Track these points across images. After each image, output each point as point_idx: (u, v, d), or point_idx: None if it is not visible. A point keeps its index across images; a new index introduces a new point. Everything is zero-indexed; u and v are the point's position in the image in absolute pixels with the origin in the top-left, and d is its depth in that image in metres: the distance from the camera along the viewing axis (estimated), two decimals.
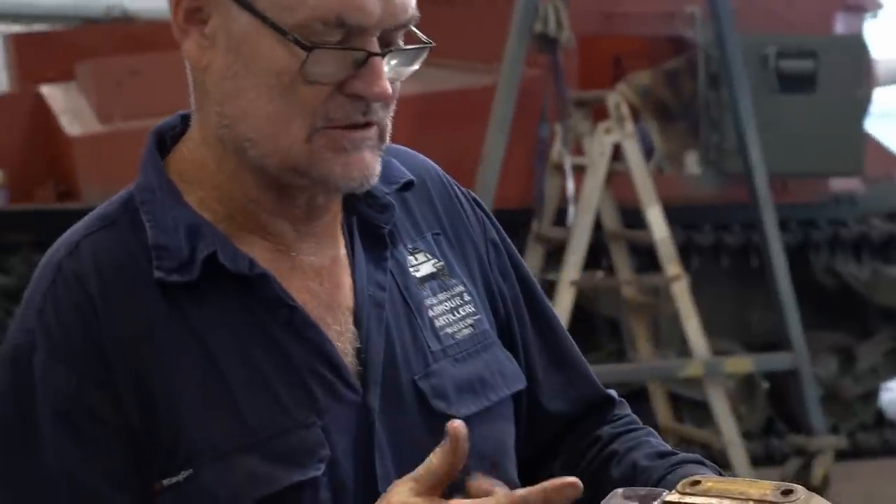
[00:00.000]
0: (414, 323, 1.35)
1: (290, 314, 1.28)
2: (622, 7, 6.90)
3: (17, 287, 6.29)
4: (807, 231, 7.15)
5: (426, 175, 1.44)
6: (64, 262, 1.27)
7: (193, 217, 1.29)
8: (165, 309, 1.25)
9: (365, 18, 1.22)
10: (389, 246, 1.36)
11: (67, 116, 6.40)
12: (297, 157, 1.25)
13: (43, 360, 1.23)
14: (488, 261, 1.45)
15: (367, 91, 1.23)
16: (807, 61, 6.70)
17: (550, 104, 6.24)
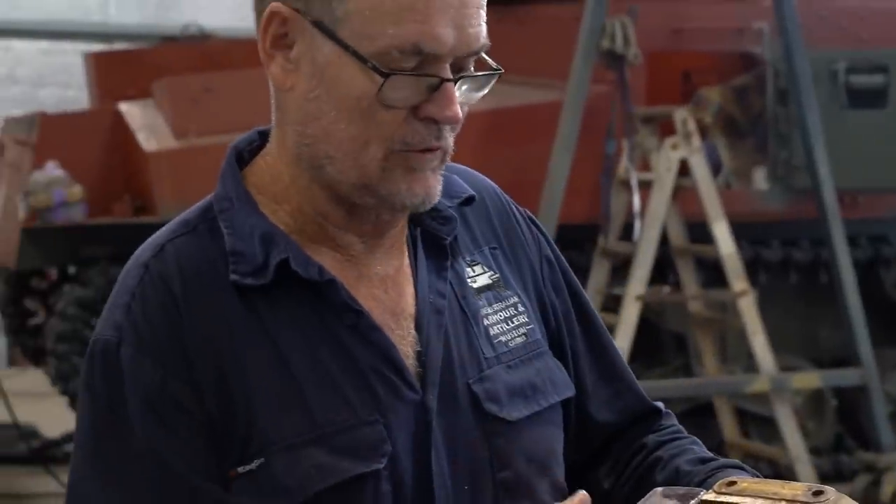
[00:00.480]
0: (470, 330, 1.43)
1: (356, 318, 1.37)
2: (690, 23, 6.91)
3: (94, 299, 6.45)
4: (877, 247, 7.10)
5: (485, 193, 1.52)
6: (151, 263, 1.37)
7: (268, 226, 1.38)
8: (241, 310, 1.35)
9: (440, 47, 1.30)
10: (450, 257, 1.44)
11: (144, 133, 6.55)
12: (371, 174, 1.34)
13: (130, 353, 1.33)
14: (542, 276, 1.53)
15: (439, 115, 1.31)
16: (877, 76, 6.66)
17: (617, 120, 6.28)
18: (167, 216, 6.89)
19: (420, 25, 1.29)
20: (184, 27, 10.50)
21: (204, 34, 10.18)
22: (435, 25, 1.29)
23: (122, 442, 1.33)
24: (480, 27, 1.32)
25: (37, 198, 6.32)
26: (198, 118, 6.45)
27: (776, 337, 6.23)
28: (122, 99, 7.10)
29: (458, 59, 1.32)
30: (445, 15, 1.29)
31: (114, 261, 6.47)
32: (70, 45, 11.00)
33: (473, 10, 1.32)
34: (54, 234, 6.48)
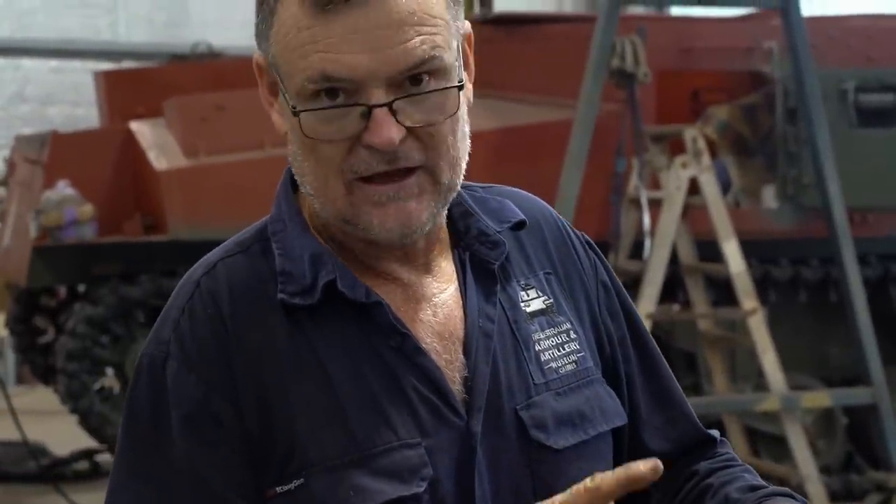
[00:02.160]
0: (520, 355, 1.42)
1: (401, 340, 1.37)
2: (700, 42, 6.93)
3: (104, 317, 6.46)
4: (886, 265, 7.10)
5: (541, 217, 1.52)
6: (202, 280, 1.39)
7: (318, 247, 1.39)
8: (288, 330, 1.36)
9: (350, 72, 1.29)
10: (499, 280, 1.43)
11: (155, 151, 6.57)
12: (342, 209, 1.35)
13: (175, 368, 1.35)
14: (598, 301, 1.52)
15: (371, 140, 1.30)
16: (887, 95, 6.67)
17: (627, 138, 6.29)
18: (177, 235, 6.94)
19: (324, 54, 1.29)
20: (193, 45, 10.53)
21: (213, 53, 10.21)
22: (340, 53, 1.29)
23: (163, 456, 1.34)
24: (406, 45, 1.29)
25: (48, 216, 6.34)
26: (208, 137, 6.48)
27: (785, 355, 6.22)
28: (132, 117, 7.12)
29: (393, 78, 1.30)
30: (352, 41, 1.29)
31: (124, 279, 6.49)
32: (79, 63, 11.03)
33: (392, 30, 1.29)
34: (65, 253, 6.50)
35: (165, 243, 6.40)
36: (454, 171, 1.37)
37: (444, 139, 1.34)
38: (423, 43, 1.31)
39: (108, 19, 11.41)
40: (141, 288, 6.44)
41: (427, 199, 1.36)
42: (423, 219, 1.36)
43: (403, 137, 1.32)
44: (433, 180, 1.35)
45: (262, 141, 6.52)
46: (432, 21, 1.32)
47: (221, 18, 11.63)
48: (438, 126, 1.34)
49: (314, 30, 1.30)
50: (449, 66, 1.34)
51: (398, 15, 1.30)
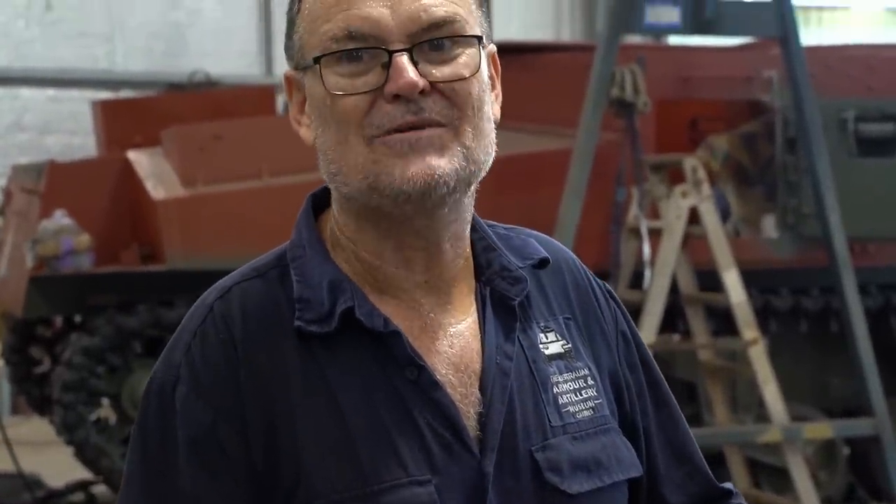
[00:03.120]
0: (538, 396, 1.40)
1: (417, 373, 1.35)
2: (699, 71, 6.92)
3: (101, 348, 6.42)
4: (887, 295, 7.07)
5: (563, 262, 1.51)
6: (216, 305, 1.38)
7: (337, 273, 1.38)
8: (301, 357, 1.35)
9: (371, 26, 1.32)
10: (519, 317, 1.42)
11: (152, 181, 6.55)
12: (365, 168, 1.33)
13: (184, 393, 1.34)
14: (617, 351, 1.50)
15: (394, 86, 1.31)
16: (887, 125, 6.66)
17: (627, 168, 6.27)
18: (175, 265, 6.89)
19: (347, 12, 1.32)
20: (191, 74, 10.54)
21: (211, 81, 10.22)
22: (361, 7, 1.32)
23: (169, 481, 1.34)
24: (426, 2, 1.32)
25: (44, 246, 6.30)
26: (206, 166, 6.45)
27: (786, 385, 6.18)
28: (130, 146, 7.11)
29: (413, 35, 1.32)
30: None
31: (121, 309, 6.44)
32: (77, 92, 11.03)
33: None
34: (62, 283, 6.46)
35: (163, 273, 6.37)
36: (479, 141, 1.36)
37: (468, 98, 1.34)
38: (444, 4, 1.33)
39: (105, 49, 11.42)
40: (138, 318, 6.40)
41: (450, 155, 1.34)
42: (447, 170, 1.33)
43: (428, 91, 1.32)
44: (458, 140, 1.34)
45: (260, 170, 6.50)
46: None
47: (219, 48, 11.64)
48: (462, 83, 1.33)
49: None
50: (470, 34, 1.34)
51: None
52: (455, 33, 1.34)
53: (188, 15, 11.61)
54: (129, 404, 6.52)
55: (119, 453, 6.54)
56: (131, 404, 6.53)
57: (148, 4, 11.46)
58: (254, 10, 11.86)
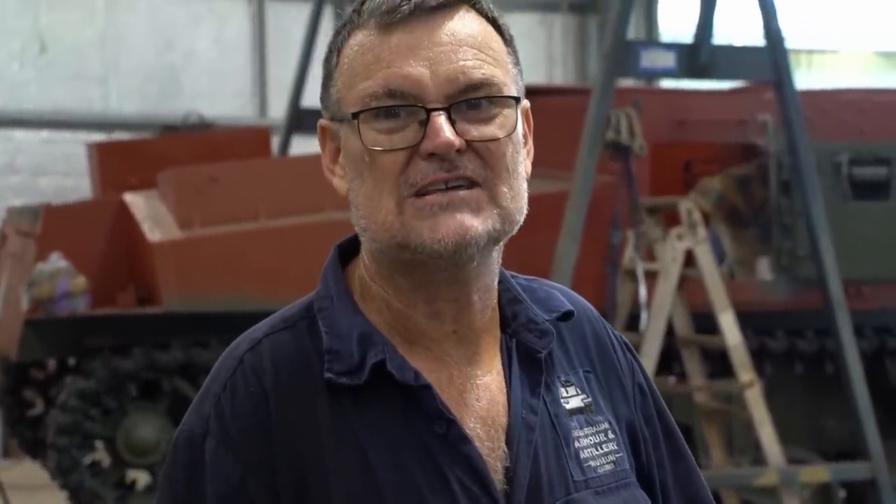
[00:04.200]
0: (560, 451, 1.41)
1: (447, 427, 1.35)
2: (694, 115, 6.96)
3: (96, 391, 6.39)
4: (882, 337, 7.08)
5: (583, 315, 1.51)
6: (246, 357, 1.38)
7: (366, 326, 1.38)
8: (331, 411, 1.35)
9: (411, 85, 1.33)
10: (545, 371, 1.42)
11: (149, 223, 6.55)
12: (393, 229, 1.34)
13: (214, 446, 1.34)
14: (634, 404, 1.51)
15: (429, 145, 1.32)
16: (880, 168, 6.71)
17: (622, 210, 6.29)
18: (172, 307, 6.86)
19: (387, 70, 1.34)
20: (185, 116, 10.57)
21: (205, 123, 10.25)
22: (402, 66, 1.33)
23: None
24: (464, 63, 1.34)
25: (40, 289, 6.29)
26: (203, 208, 6.46)
27: (781, 428, 6.18)
28: (125, 188, 7.11)
29: (451, 96, 1.33)
30: (413, 56, 1.34)
31: (116, 352, 6.42)
32: (70, 134, 11.04)
33: (449, 47, 1.34)
34: (57, 326, 6.44)
35: (159, 316, 6.36)
36: (514, 201, 1.37)
37: (503, 158, 1.35)
38: (482, 67, 1.35)
39: (99, 91, 11.44)
40: (133, 361, 6.38)
41: (485, 216, 1.35)
42: (480, 231, 1.34)
43: (463, 150, 1.33)
44: (493, 200, 1.35)
45: (256, 212, 6.51)
46: (492, 53, 1.36)
47: (213, 90, 11.67)
48: (497, 143, 1.35)
49: (377, 50, 1.35)
50: (507, 94, 1.36)
51: (459, 35, 1.35)
52: (492, 94, 1.35)
53: (182, 57, 11.65)
54: (124, 448, 6.49)
55: (113, 497, 6.50)
56: (126, 448, 6.50)
57: (142, 46, 11.50)
58: (248, 53, 11.91)
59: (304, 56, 9.35)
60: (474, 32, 1.36)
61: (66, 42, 11.26)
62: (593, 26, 12.89)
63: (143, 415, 6.51)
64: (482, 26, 1.38)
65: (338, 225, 6.48)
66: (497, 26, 1.40)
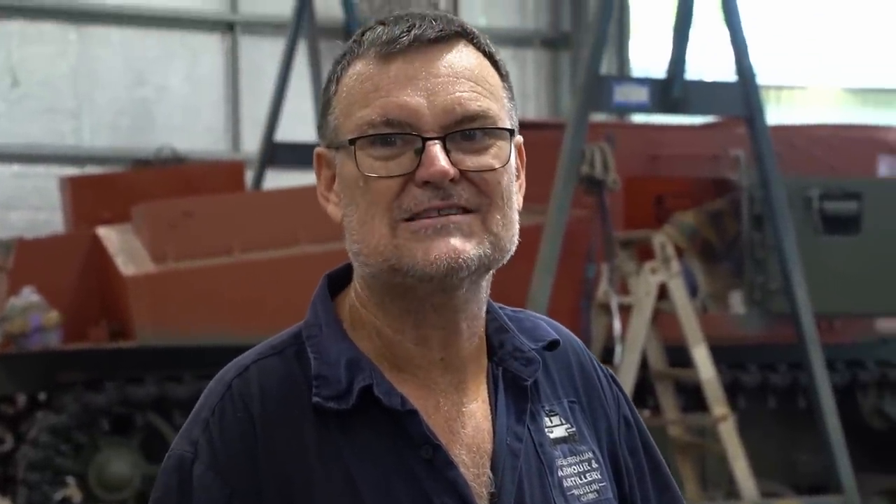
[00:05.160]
0: (545, 479, 1.43)
1: (432, 452, 1.37)
2: (667, 149, 7.01)
3: (68, 426, 6.35)
4: (854, 371, 7.13)
5: (569, 346, 1.54)
6: (234, 382, 1.40)
7: (355, 352, 1.41)
8: (319, 435, 1.37)
9: (408, 114, 1.36)
10: (530, 399, 1.44)
11: (122, 257, 6.53)
12: (386, 252, 1.36)
13: (202, 470, 1.36)
14: (619, 436, 1.53)
15: (424, 174, 1.35)
16: (851, 203, 6.77)
17: (597, 244, 6.32)
18: (145, 341, 6.80)
19: (385, 99, 1.37)
20: (157, 150, 10.55)
21: (178, 157, 10.24)
22: (399, 95, 1.36)
23: None
24: (461, 95, 1.37)
25: (12, 323, 6.26)
26: (176, 242, 6.45)
27: (755, 461, 6.20)
28: (98, 222, 7.09)
29: (447, 126, 1.36)
30: (411, 86, 1.37)
31: (88, 387, 6.39)
32: (43, 168, 11.00)
33: (446, 78, 1.37)
34: (29, 360, 6.41)
35: (132, 350, 6.33)
36: (506, 229, 1.38)
37: (498, 187, 1.37)
38: (478, 99, 1.37)
39: (72, 125, 11.41)
40: (106, 396, 6.34)
41: (477, 241, 1.37)
42: (472, 255, 1.36)
43: (457, 179, 1.35)
44: (485, 227, 1.37)
45: (230, 246, 6.50)
46: (488, 86, 1.39)
47: (186, 124, 11.66)
48: (492, 173, 1.37)
49: (376, 79, 1.38)
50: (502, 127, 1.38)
51: (456, 68, 1.38)
52: (486, 126, 1.38)
53: (155, 91, 11.64)
54: (96, 483, 6.44)
55: None
56: (98, 484, 6.45)
57: (115, 80, 11.49)
58: (221, 87, 11.91)
59: (278, 91, 9.37)
60: (471, 66, 1.39)
61: (38, 76, 11.23)
62: (566, 61, 12.97)
63: (116, 450, 6.46)
64: (479, 60, 1.40)
65: (312, 259, 6.48)
66: (494, 61, 1.43)
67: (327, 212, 1.45)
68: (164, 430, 6.37)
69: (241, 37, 11.96)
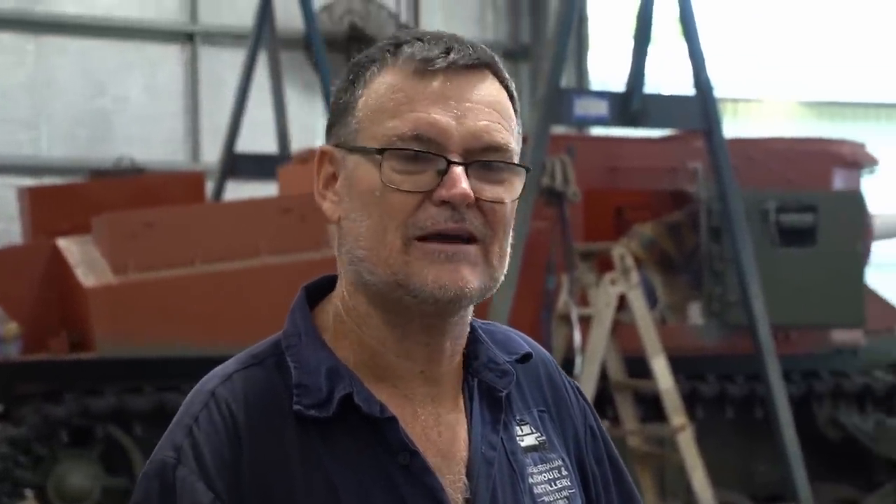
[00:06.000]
0: (517, 486, 1.47)
1: (410, 458, 1.41)
2: (626, 162, 7.08)
3: (27, 438, 6.31)
4: (810, 382, 7.20)
5: (538, 358, 1.57)
6: (217, 390, 1.43)
7: (334, 361, 1.43)
8: (300, 443, 1.40)
9: (438, 133, 1.39)
10: (504, 409, 1.48)
11: (82, 268, 6.50)
12: (395, 266, 1.39)
13: (185, 475, 1.38)
14: (585, 446, 1.57)
15: (446, 194, 1.38)
16: (806, 215, 6.85)
17: (557, 256, 6.37)
18: (105, 352, 6.75)
19: (416, 114, 1.39)
20: (116, 161, 10.50)
21: (137, 168, 10.20)
22: (431, 113, 1.39)
23: None
24: (488, 124, 1.41)
25: None
26: (137, 253, 6.43)
27: (712, 471, 6.26)
28: (57, 233, 7.05)
29: (470, 151, 1.39)
30: (443, 105, 1.40)
31: (48, 398, 6.35)
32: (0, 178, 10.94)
33: (477, 105, 1.41)
34: None
35: (92, 361, 6.30)
36: (501, 261, 1.42)
37: (503, 220, 1.41)
38: (501, 132, 1.41)
39: (29, 135, 11.35)
40: (65, 407, 6.30)
41: (479, 272, 1.40)
42: (475, 286, 1.39)
43: (472, 204, 1.38)
44: (486, 259, 1.40)
45: (192, 257, 6.49)
46: (509, 120, 1.43)
47: (145, 134, 11.62)
48: (501, 206, 1.40)
49: (409, 92, 1.41)
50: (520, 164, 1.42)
51: (487, 98, 1.42)
52: (507, 160, 1.42)
53: (114, 101, 11.59)
54: (55, 495, 6.40)
55: None
56: (57, 495, 6.41)
57: (73, 91, 11.44)
58: (180, 98, 11.88)
59: (238, 102, 9.36)
60: (497, 98, 1.43)
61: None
62: (525, 73, 13.03)
63: (75, 462, 6.43)
64: (501, 94, 1.44)
65: (273, 270, 6.49)
66: (511, 97, 1.46)
67: (322, 209, 1.47)
68: (124, 442, 6.34)
69: (201, 47, 11.94)
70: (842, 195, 7.28)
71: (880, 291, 7.84)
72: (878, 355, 7.46)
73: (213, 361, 1.55)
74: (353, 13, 11.81)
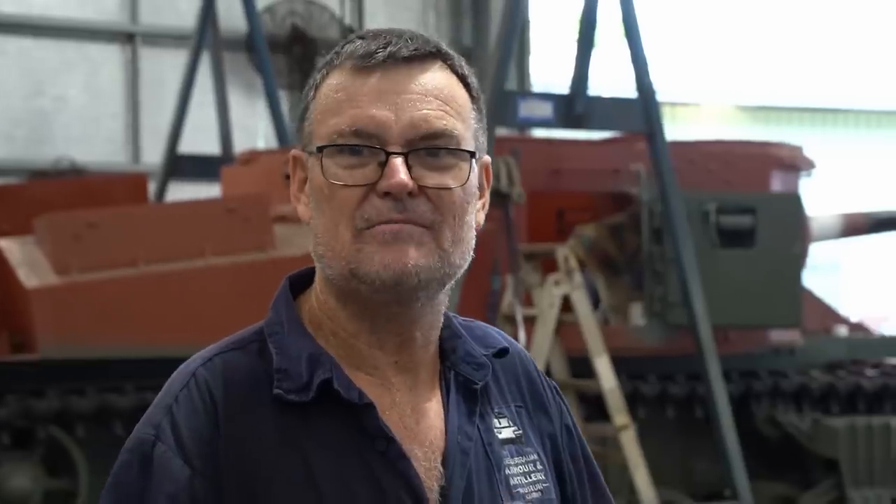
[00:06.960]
0: (492, 476, 1.51)
1: (386, 445, 1.45)
2: (568, 164, 7.14)
3: None
4: (748, 381, 7.31)
5: (516, 355, 1.61)
6: (198, 371, 1.47)
7: (316, 348, 1.48)
8: (278, 426, 1.44)
9: (378, 126, 1.43)
10: (480, 401, 1.53)
11: (24, 269, 6.44)
12: (348, 256, 1.43)
13: (163, 451, 1.42)
14: (561, 443, 1.61)
15: (384, 185, 1.42)
16: (745, 217, 6.95)
17: (502, 257, 6.42)
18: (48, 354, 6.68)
19: (355, 110, 1.44)
20: (55, 161, 10.43)
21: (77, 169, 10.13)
22: (369, 108, 1.44)
23: None
24: (428, 112, 1.44)
25: None
26: (80, 254, 6.38)
27: (653, 470, 6.33)
28: None
29: (410, 141, 1.43)
30: (381, 100, 1.44)
31: None
32: None
33: (416, 95, 1.44)
34: None
35: (34, 363, 6.25)
36: (455, 246, 1.45)
37: (453, 206, 1.44)
38: (444, 118, 1.44)
39: None
40: (7, 409, 6.24)
41: (426, 252, 1.43)
42: (421, 264, 1.42)
43: (416, 193, 1.42)
44: (436, 242, 1.43)
45: (135, 258, 6.45)
46: (456, 106, 1.46)
47: (85, 135, 11.53)
48: (448, 192, 1.44)
49: (349, 90, 1.45)
50: (464, 148, 1.44)
51: (427, 86, 1.45)
52: (450, 146, 1.45)
53: (53, 101, 11.49)
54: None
55: None
56: None
57: (10, 90, 11.32)
58: (120, 98, 11.81)
59: (181, 103, 9.32)
60: (441, 85, 1.46)
61: None
62: None
63: (17, 464, 6.36)
64: (450, 81, 1.47)
65: (217, 270, 6.48)
66: (466, 83, 1.49)
67: (298, 212, 1.51)
68: (67, 444, 6.29)
69: (142, 48, 11.87)
70: (780, 197, 7.39)
71: (817, 292, 7.98)
72: (814, 355, 7.58)
73: (157, 362, 1.59)
74: (295, 15, 11.80)
